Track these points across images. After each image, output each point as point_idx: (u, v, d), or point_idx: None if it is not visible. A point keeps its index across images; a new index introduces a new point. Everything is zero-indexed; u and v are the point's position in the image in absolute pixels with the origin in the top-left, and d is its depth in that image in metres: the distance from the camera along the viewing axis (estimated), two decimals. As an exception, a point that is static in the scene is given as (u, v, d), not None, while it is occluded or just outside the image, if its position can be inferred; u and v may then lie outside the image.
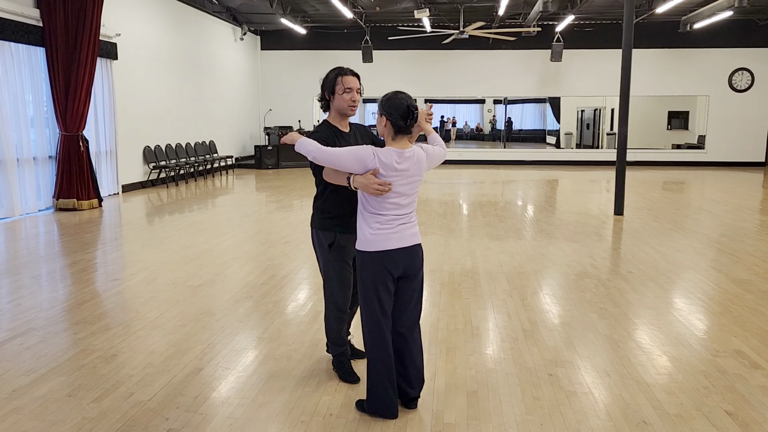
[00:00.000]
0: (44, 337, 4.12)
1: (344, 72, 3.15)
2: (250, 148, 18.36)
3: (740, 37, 17.53)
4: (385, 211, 2.86)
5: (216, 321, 4.45)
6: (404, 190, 2.87)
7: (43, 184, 9.80)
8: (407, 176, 2.86)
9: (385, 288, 2.92)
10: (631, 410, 3.11)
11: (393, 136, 2.87)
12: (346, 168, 2.84)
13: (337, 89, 3.13)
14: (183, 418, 3.03)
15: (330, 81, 3.16)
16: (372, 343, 2.98)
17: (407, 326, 3.04)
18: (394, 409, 2.99)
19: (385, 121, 2.85)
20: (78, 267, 6.07)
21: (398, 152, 2.84)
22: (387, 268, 2.89)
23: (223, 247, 6.95)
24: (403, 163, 2.83)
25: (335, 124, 3.21)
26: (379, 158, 2.80)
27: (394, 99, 2.83)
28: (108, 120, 11.29)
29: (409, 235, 2.93)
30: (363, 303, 2.97)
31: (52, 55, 9.39)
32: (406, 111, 2.81)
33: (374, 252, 2.88)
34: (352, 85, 3.13)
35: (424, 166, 2.93)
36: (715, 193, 12.02)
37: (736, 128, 18.02)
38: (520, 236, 7.63)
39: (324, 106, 3.25)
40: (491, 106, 29.96)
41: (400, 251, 2.89)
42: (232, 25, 17.18)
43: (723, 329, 4.31)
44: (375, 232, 2.87)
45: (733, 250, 6.86)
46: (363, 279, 2.94)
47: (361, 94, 3.20)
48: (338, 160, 2.82)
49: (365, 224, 2.91)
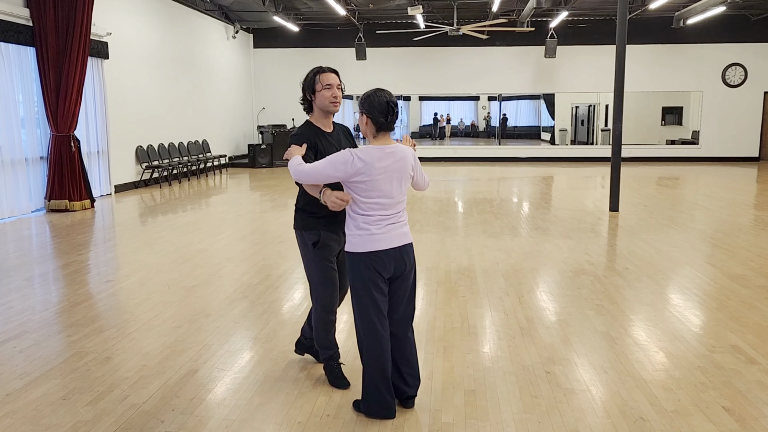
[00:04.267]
0: (37, 340, 4.08)
1: (323, 70, 3.17)
2: (243, 147, 18.30)
3: (733, 33, 17.57)
4: (371, 212, 2.83)
5: (211, 322, 4.42)
6: (387, 189, 2.82)
7: (34, 185, 9.73)
8: (392, 172, 2.81)
9: (377, 288, 2.89)
10: (628, 407, 3.10)
11: (374, 133, 2.84)
12: (330, 178, 2.81)
13: (317, 87, 3.14)
14: (179, 420, 3.00)
15: (309, 80, 3.18)
16: (366, 346, 2.95)
17: (400, 326, 3.02)
18: (389, 411, 2.97)
19: (366, 119, 2.83)
20: (71, 269, 6.02)
21: (379, 149, 2.80)
22: (376, 269, 2.86)
23: (217, 248, 6.91)
24: (384, 159, 2.79)
25: (317, 125, 3.21)
26: (359, 158, 2.76)
27: (373, 96, 2.80)
28: (100, 120, 11.21)
29: (398, 235, 2.89)
30: (355, 305, 2.95)
31: (43, 54, 9.32)
32: (385, 107, 2.79)
33: (362, 253, 2.85)
34: (332, 82, 3.14)
35: (409, 164, 2.89)
36: (710, 189, 12.05)
37: (730, 124, 18.08)
38: (516, 233, 7.62)
39: (306, 107, 3.26)
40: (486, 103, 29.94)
41: (388, 252, 2.86)
42: (225, 23, 17.11)
43: (719, 325, 4.31)
44: (362, 233, 2.84)
45: (728, 245, 6.87)
46: (353, 281, 2.92)
47: (343, 90, 3.21)
48: (317, 173, 2.81)
49: (353, 225, 2.88)
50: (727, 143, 18.16)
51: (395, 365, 3.03)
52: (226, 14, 17.02)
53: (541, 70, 18.41)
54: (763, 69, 17.69)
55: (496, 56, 18.43)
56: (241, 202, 10.76)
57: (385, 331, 2.94)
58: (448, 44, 17.77)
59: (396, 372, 3.04)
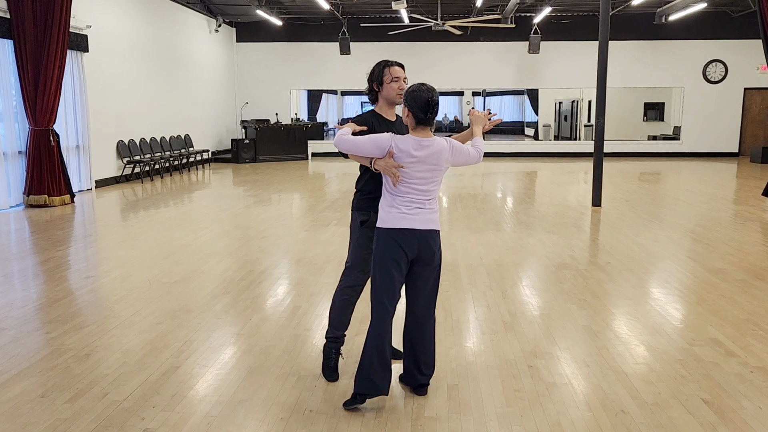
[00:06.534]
0: (15, 337, 4.02)
1: (390, 63, 3.31)
2: (226, 142, 18.15)
3: (714, 29, 17.76)
4: (403, 193, 2.99)
5: (193, 318, 4.38)
6: (421, 177, 2.98)
7: (13, 180, 9.57)
8: (424, 164, 2.96)
9: (396, 266, 2.99)
10: (609, 400, 3.13)
11: (413, 126, 2.99)
12: (366, 152, 3.00)
13: (385, 79, 3.28)
14: (160, 417, 2.97)
15: (377, 73, 3.31)
16: (372, 320, 3.02)
17: (422, 308, 3.13)
18: (377, 389, 2.98)
19: (407, 112, 2.99)
20: (50, 264, 5.94)
21: (416, 140, 2.97)
22: (401, 246, 2.98)
23: (199, 243, 6.85)
24: (420, 150, 2.95)
25: (381, 113, 3.35)
26: (396, 144, 2.95)
27: (416, 92, 2.95)
28: (80, 114, 11.05)
29: (426, 219, 3.03)
30: (373, 279, 3.05)
31: (21, 47, 9.15)
32: (425, 104, 2.93)
33: (390, 228, 2.99)
34: (399, 75, 3.28)
35: (444, 157, 3.01)
36: (691, 184, 12.19)
37: (711, 119, 18.28)
38: (500, 228, 7.65)
39: (372, 98, 3.40)
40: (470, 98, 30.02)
41: (415, 232, 2.99)
42: (207, 17, 16.93)
43: (699, 318, 4.37)
44: (392, 211, 3.00)
45: (708, 239, 6.95)
46: (376, 254, 3.04)
47: (407, 83, 3.32)
48: (357, 146, 3.00)
49: (385, 202, 3.05)
50: (708, 139, 18.37)
51: (412, 351, 3.15)
52: (209, 7, 16.85)
53: (524, 65, 18.48)
54: (744, 65, 17.91)
55: (480, 52, 18.46)
56: (223, 197, 10.68)
57: (392, 309, 3.03)
58: (433, 39, 17.75)
59: (412, 358, 3.16)
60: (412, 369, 3.17)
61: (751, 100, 18.23)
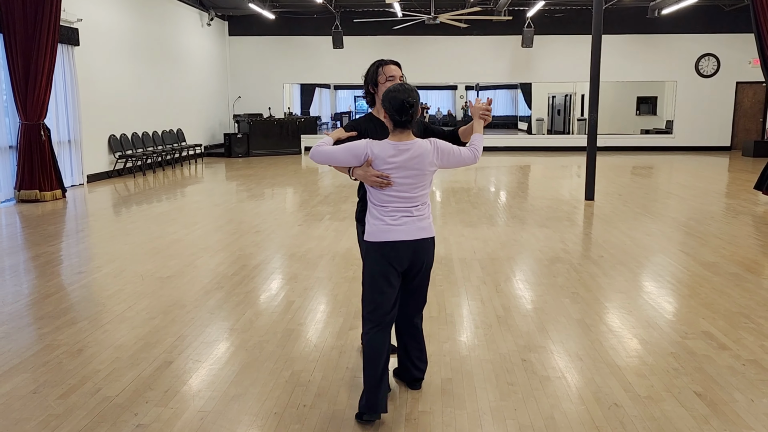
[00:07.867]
0: (7, 333, 3.99)
1: (385, 62, 3.20)
2: (219, 136, 18.08)
3: (706, 23, 17.80)
4: (387, 203, 2.83)
5: (186, 313, 4.36)
6: (403, 183, 2.81)
7: (3, 175, 9.50)
8: (405, 169, 2.79)
9: (386, 281, 2.84)
10: (603, 393, 3.14)
11: (392, 129, 2.84)
12: (342, 162, 2.85)
13: (380, 79, 3.16)
14: (153, 412, 2.96)
15: (372, 73, 3.19)
16: (365, 343, 2.88)
17: (413, 307, 3.08)
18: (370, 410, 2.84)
19: (384, 114, 2.84)
20: (42, 260, 5.90)
21: (394, 144, 2.79)
22: (389, 261, 2.83)
23: (192, 238, 6.83)
24: (398, 155, 2.78)
25: (378, 116, 3.20)
26: (372, 150, 2.79)
27: (392, 93, 2.77)
28: (71, 108, 10.97)
29: (415, 228, 2.85)
30: (363, 296, 2.93)
31: (11, 41, 9.07)
32: (400, 106, 2.74)
33: (377, 243, 2.84)
34: (394, 73, 3.15)
35: (428, 160, 2.82)
36: (683, 178, 12.23)
37: (703, 113, 18.35)
38: (493, 222, 7.66)
39: (370, 100, 3.26)
40: (463, 92, 30.00)
41: (404, 243, 2.83)
42: (199, 10, 16.82)
43: (691, 311, 4.39)
44: (378, 223, 2.84)
45: (701, 233, 6.99)
46: (365, 270, 2.92)
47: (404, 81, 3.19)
48: (332, 157, 2.84)
49: (370, 215, 2.90)
50: (700, 133, 18.44)
51: (405, 349, 3.14)
52: (201, 1, 16.74)
53: (518, 59, 18.47)
54: (736, 59, 17.97)
55: (474, 45, 18.43)
56: (216, 191, 10.64)
57: (385, 326, 2.87)
58: (426, 33, 17.70)
59: (405, 354, 3.14)
60: (407, 365, 3.16)
61: (743, 94, 18.30)
